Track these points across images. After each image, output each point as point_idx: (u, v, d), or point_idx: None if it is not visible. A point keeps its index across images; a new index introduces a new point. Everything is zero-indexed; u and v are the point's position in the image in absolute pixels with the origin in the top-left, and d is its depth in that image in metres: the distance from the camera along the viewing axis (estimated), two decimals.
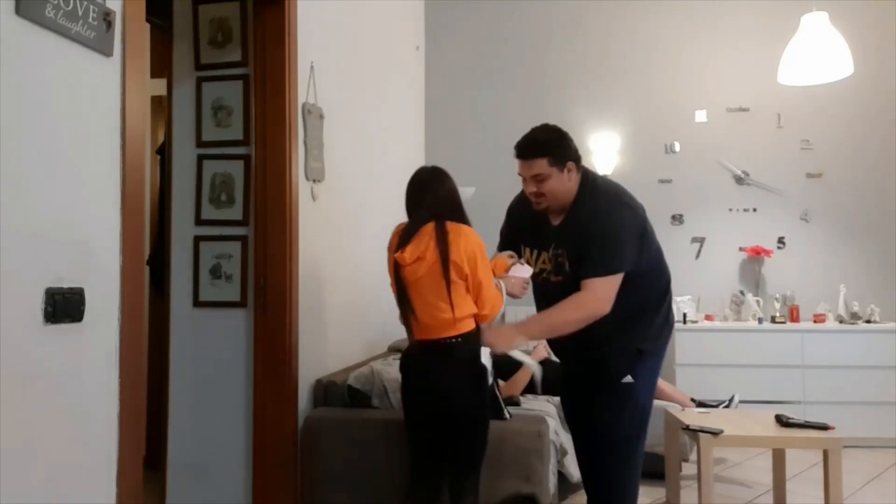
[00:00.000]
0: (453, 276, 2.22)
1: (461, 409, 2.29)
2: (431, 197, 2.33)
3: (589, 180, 2.41)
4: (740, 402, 3.97)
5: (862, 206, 4.98)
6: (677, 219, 5.16)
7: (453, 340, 2.25)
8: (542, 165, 2.33)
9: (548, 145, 2.35)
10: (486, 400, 2.37)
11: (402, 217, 2.43)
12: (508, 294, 2.38)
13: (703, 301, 4.99)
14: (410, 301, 2.29)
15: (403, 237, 2.31)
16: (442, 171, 2.41)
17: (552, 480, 2.79)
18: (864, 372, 4.43)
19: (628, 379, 2.42)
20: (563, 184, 2.34)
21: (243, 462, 2.78)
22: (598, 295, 2.29)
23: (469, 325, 2.28)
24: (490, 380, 2.40)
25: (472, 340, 2.29)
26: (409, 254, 2.26)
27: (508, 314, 3.91)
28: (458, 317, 2.24)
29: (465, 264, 2.22)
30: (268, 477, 2.73)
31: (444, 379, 2.28)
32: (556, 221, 2.42)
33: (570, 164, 2.35)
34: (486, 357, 2.33)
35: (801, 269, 5.01)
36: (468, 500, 2.32)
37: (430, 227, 2.26)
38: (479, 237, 2.29)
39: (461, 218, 2.32)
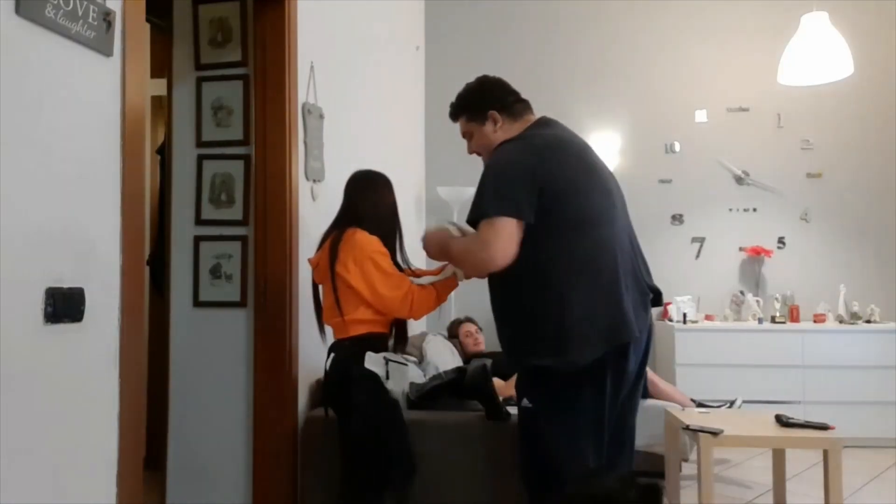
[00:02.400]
0: (339, 283, 2.31)
1: (337, 410, 2.41)
2: (343, 205, 2.49)
3: (530, 129, 2.10)
4: (743, 402, 3.97)
5: (862, 206, 4.98)
6: (677, 219, 5.16)
7: (345, 342, 2.36)
8: (463, 124, 2.21)
9: (461, 102, 2.20)
10: (365, 409, 2.31)
11: (401, 216, 2.46)
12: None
13: (703, 301, 4.99)
14: (320, 303, 2.47)
15: (320, 243, 2.46)
16: (360, 178, 2.51)
17: None
18: (864, 372, 4.43)
19: (525, 402, 1.98)
20: (490, 137, 2.12)
21: (243, 462, 2.78)
22: (481, 238, 1.90)
23: (362, 329, 2.34)
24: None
25: (359, 345, 2.33)
26: (313, 259, 2.44)
27: None
28: (347, 321, 2.33)
29: (349, 274, 2.29)
30: (268, 477, 2.73)
31: (328, 379, 2.41)
32: None
33: (493, 115, 2.12)
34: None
35: (801, 269, 5.01)
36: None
37: (333, 234, 2.38)
38: (374, 244, 2.32)
39: (369, 225, 2.37)
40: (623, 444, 2.09)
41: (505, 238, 1.86)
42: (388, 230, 2.44)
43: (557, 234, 1.91)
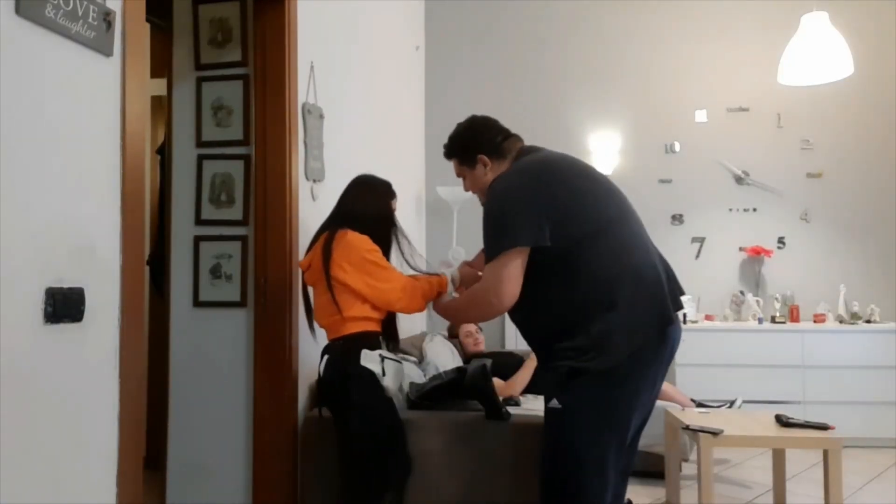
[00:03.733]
0: (335, 284, 2.32)
1: (335, 410, 2.41)
2: (337, 207, 2.49)
3: (514, 161, 2.13)
4: (743, 402, 3.97)
5: (862, 206, 4.98)
6: (677, 219, 5.16)
7: (339, 342, 2.36)
8: (457, 166, 2.26)
9: (452, 146, 2.25)
10: (364, 407, 2.31)
11: (400, 216, 2.45)
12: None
13: (703, 301, 4.99)
14: (312, 303, 2.47)
15: (309, 245, 2.47)
16: (360, 182, 2.53)
17: None
18: (864, 372, 4.44)
19: (554, 403, 1.94)
20: (482, 179, 2.17)
21: (243, 462, 2.78)
22: (485, 282, 1.99)
23: (358, 327, 2.34)
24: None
25: (353, 343, 2.33)
26: (304, 261, 2.45)
27: None
28: (346, 318, 2.33)
29: (346, 275, 2.30)
30: (268, 477, 2.73)
31: (323, 378, 2.40)
32: None
33: (482, 158, 2.16)
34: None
35: (801, 269, 5.01)
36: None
37: (324, 236, 2.39)
38: (365, 243, 2.34)
39: (359, 226, 2.37)
40: (634, 444, 2.09)
41: (511, 278, 1.91)
42: (380, 234, 2.42)
43: (588, 239, 1.91)
